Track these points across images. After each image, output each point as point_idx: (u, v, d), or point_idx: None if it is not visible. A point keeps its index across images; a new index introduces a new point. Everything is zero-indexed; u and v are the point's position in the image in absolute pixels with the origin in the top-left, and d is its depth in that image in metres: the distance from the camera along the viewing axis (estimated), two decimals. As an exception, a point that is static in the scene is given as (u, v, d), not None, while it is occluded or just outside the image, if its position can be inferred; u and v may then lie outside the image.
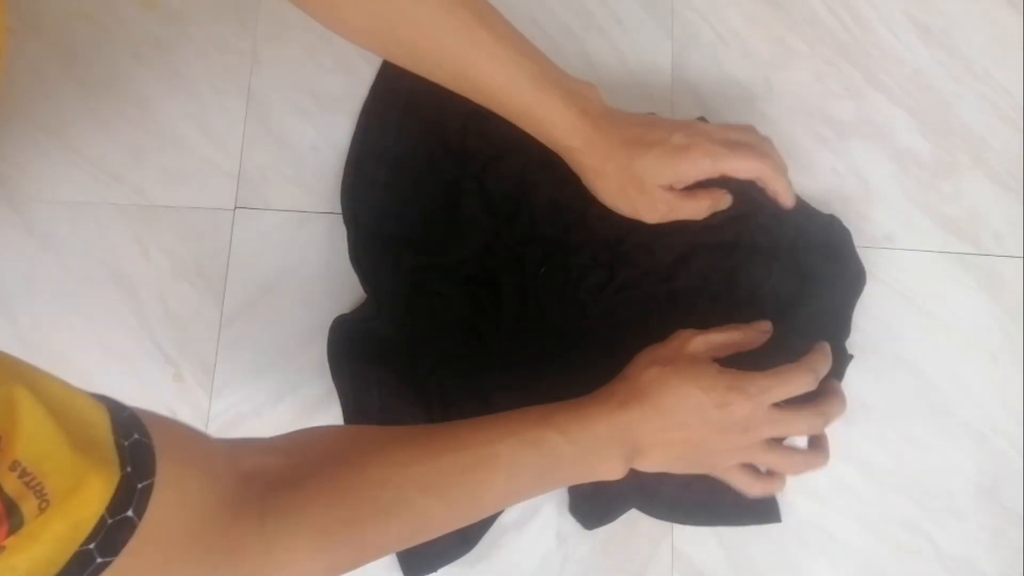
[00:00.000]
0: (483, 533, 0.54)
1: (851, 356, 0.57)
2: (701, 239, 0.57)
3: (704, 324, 0.56)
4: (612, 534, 0.55)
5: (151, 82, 0.61)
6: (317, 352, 0.57)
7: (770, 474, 0.50)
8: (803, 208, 0.59)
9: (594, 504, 0.55)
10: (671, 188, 0.52)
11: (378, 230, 0.58)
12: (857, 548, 0.56)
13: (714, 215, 0.57)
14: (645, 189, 0.51)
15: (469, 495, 0.43)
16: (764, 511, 0.55)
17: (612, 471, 0.47)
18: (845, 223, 0.58)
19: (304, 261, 0.59)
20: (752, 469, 0.50)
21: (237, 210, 0.60)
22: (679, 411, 0.46)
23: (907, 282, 0.60)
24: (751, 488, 0.49)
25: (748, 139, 0.52)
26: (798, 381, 0.47)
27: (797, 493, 0.56)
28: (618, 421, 0.46)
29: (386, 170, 0.59)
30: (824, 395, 0.49)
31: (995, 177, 0.62)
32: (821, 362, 0.49)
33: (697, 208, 0.53)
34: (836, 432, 0.57)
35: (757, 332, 0.51)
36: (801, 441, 0.52)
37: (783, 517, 0.56)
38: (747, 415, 0.46)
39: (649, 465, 0.48)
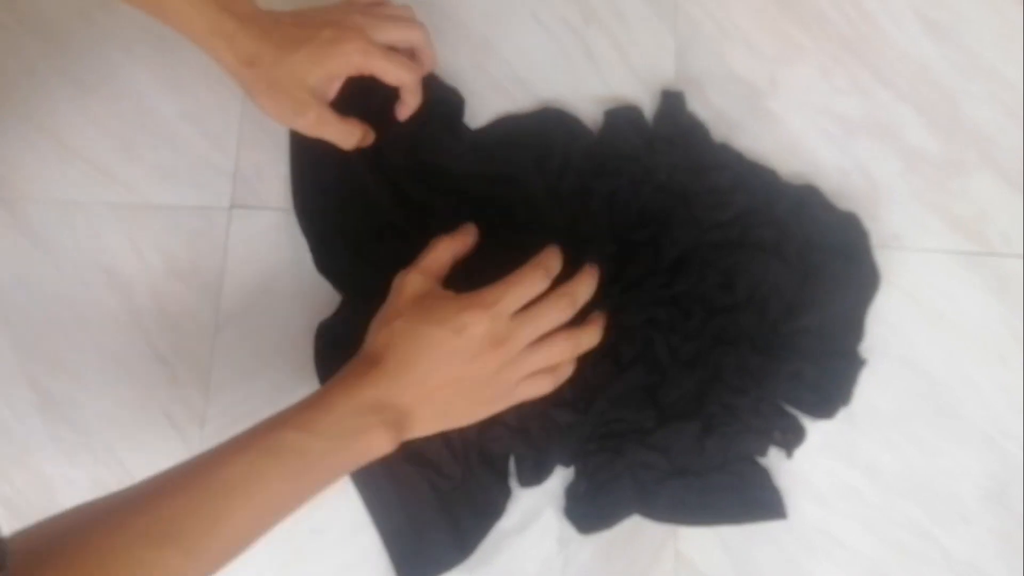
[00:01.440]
0: (480, 540, 0.54)
1: (864, 361, 0.56)
2: (707, 237, 0.56)
3: (703, 326, 0.55)
4: (614, 539, 0.54)
5: (145, 79, 0.61)
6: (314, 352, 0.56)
7: (551, 369, 0.49)
8: (821, 202, 0.58)
9: (591, 508, 0.54)
10: (324, 96, 0.50)
11: (338, 229, 0.57)
12: (863, 553, 0.55)
13: (723, 212, 0.56)
14: (294, 91, 0.49)
15: (210, 533, 0.39)
16: (769, 508, 0.54)
17: (379, 445, 0.44)
18: (852, 222, 0.58)
19: (300, 260, 0.58)
20: (532, 375, 0.48)
21: (233, 209, 0.59)
22: (423, 356, 0.44)
23: (914, 282, 0.59)
24: (543, 387, 0.48)
25: (401, 27, 0.52)
26: (529, 279, 0.47)
27: (802, 497, 0.55)
28: (363, 395, 0.43)
29: (331, 170, 0.58)
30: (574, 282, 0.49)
31: (1004, 175, 0.61)
32: (551, 258, 0.49)
33: (345, 132, 0.52)
34: (842, 435, 0.56)
35: (462, 236, 0.50)
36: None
37: (789, 520, 0.55)
38: (490, 329, 0.45)
39: (424, 427, 0.46)
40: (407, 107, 0.54)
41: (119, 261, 0.58)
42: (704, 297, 0.56)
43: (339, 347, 0.54)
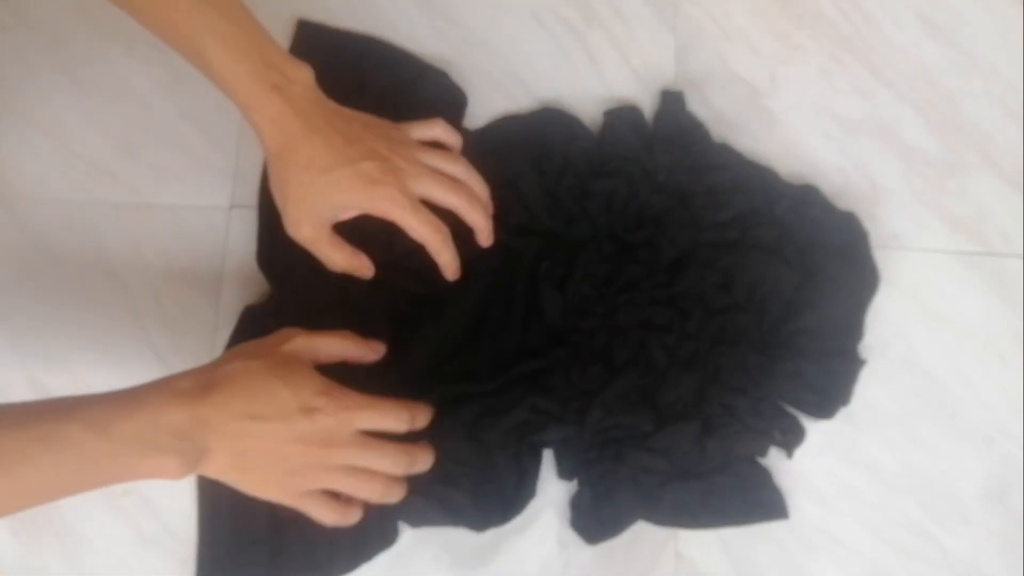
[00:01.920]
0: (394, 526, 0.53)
1: (864, 361, 0.56)
2: (706, 237, 0.57)
3: (702, 326, 0.55)
4: (614, 539, 0.54)
5: (146, 79, 0.61)
6: (314, 353, 0.56)
7: (346, 500, 0.46)
8: (821, 202, 0.58)
9: (597, 517, 0.54)
10: (333, 217, 0.48)
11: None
12: (863, 552, 0.55)
13: (722, 212, 0.57)
14: (307, 199, 0.47)
15: None
16: (771, 508, 0.54)
17: (164, 470, 0.41)
18: (852, 222, 0.58)
19: (301, 260, 0.58)
20: (331, 497, 0.46)
21: (232, 209, 0.59)
22: (258, 407, 0.42)
23: (914, 281, 0.59)
24: (328, 516, 0.45)
25: (442, 188, 0.49)
26: (393, 413, 0.45)
27: (802, 497, 0.56)
28: (174, 412, 0.40)
29: None
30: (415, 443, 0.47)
31: (1003, 175, 0.61)
32: (422, 415, 0.48)
33: (334, 258, 0.49)
34: (842, 435, 0.56)
35: (368, 348, 0.48)
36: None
37: (789, 520, 0.55)
38: (332, 428, 0.43)
39: (216, 469, 0.43)
40: (442, 266, 0.51)
41: (119, 260, 0.58)
42: (703, 297, 0.56)
43: (256, 334, 0.51)
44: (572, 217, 0.57)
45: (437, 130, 0.52)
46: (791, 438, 0.55)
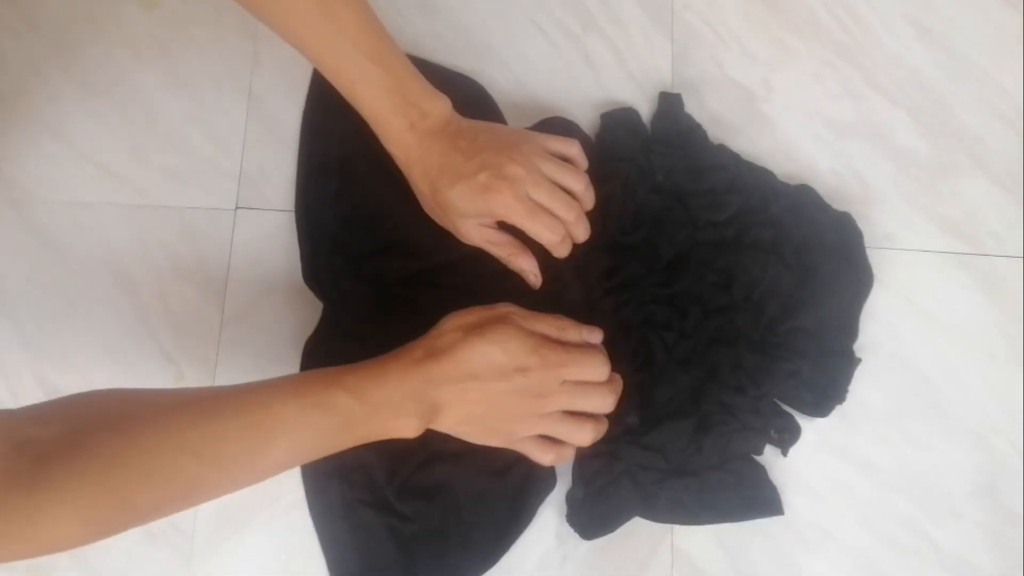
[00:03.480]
0: (506, 550, 0.54)
1: (859, 360, 0.57)
2: (703, 236, 0.57)
3: (699, 325, 0.56)
4: (611, 534, 0.55)
5: (152, 82, 0.62)
6: (318, 352, 0.57)
7: (560, 443, 0.51)
8: (816, 202, 0.59)
9: (593, 514, 0.54)
10: (487, 222, 0.53)
11: (340, 242, 0.58)
12: (856, 547, 0.56)
13: (719, 212, 0.57)
14: (452, 218, 0.53)
15: (247, 460, 0.44)
16: (767, 505, 0.55)
17: (407, 429, 0.47)
18: (846, 224, 0.59)
19: (305, 261, 0.59)
20: (546, 439, 0.51)
21: (238, 210, 0.60)
22: (478, 369, 0.47)
23: (906, 282, 0.60)
24: (545, 456, 0.50)
25: (555, 196, 0.52)
26: (595, 364, 0.50)
27: (796, 492, 0.56)
28: (413, 378, 0.46)
29: (336, 178, 0.59)
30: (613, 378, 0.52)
31: (994, 178, 0.62)
32: (617, 378, 0.52)
33: (505, 260, 0.54)
34: (835, 431, 0.57)
35: (578, 331, 0.52)
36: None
37: (782, 516, 0.56)
38: (543, 381, 0.48)
39: (446, 424, 0.49)
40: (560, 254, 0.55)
41: (126, 261, 0.59)
42: (701, 297, 0.56)
43: (322, 358, 0.55)
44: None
45: (573, 151, 0.55)
46: (787, 436, 0.55)
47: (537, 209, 0.52)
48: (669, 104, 0.61)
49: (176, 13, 0.63)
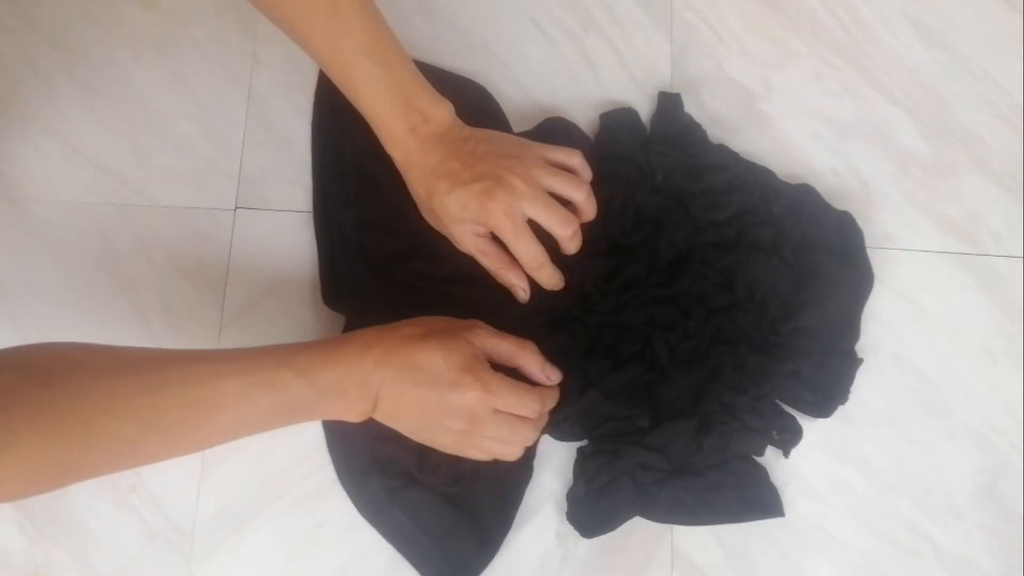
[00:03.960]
0: (503, 534, 0.54)
1: (861, 360, 0.57)
2: (703, 236, 0.57)
3: (702, 325, 0.56)
4: (612, 534, 0.55)
5: (151, 82, 0.62)
6: (317, 352, 0.57)
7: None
8: (817, 201, 0.59)
9: (593, 512, 0.54)
10: (481, 231, 0.52)
11: (361, 247, 0.58)
12: (856, 547, 0.56)
13: (719, 212, 0.57)
14: (447, 223, 0.53)
15: (191, 431, 0.44)
16: (767, 506, 0.55)
17: (350, 413, 0.48)
18: (847, 223, 0.59)
19: (304, 261, 0.59)
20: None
21: (238, 210, 0.60)
22: (418, 374, 0.47)
23: (906, 282, 0.60)
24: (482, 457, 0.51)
25: (551, 212, 0.52)
26: (528, 401, 0.49)
27: (797, 492, 0.56)
28: (360, 364, 0.47)
29: (352, 184, 0.59)
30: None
31: (994, 177, 0.62)
32: (551, 398, 0.52)
33: (493, 272, 0.54)
34: (835, 432, 0.57)
35: (544, 369, 0.52)
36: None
37: (782, 517, 0.56)
38: (474, 404, 0.48)
39: (382, 417, 0.49)
40: (542, 283, 0.55)
41: (126, 262, 0.59)
42: (703, 297, 0.56)
43: None
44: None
45: (575, 161, 0.55)
46: (788, 438, 0.55)
47: (524, 230, 0.52)
48: (668, 104, 0.61)
49: (176, 13, 0.63)
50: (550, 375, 0.52)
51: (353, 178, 0.59)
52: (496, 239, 0.53)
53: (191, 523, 0.55)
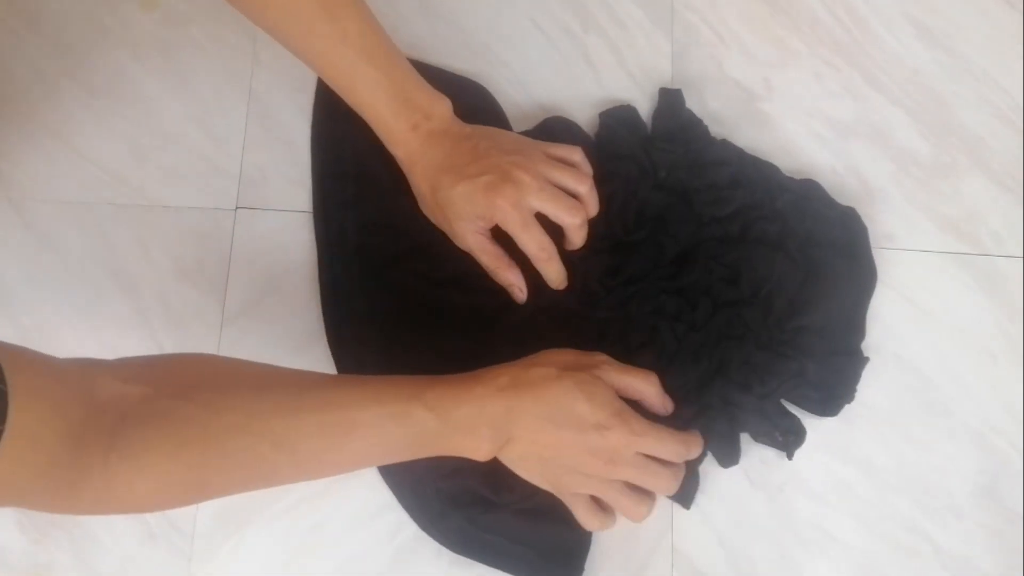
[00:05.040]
0: (585, 555, 0.54)
1: (867, 359, 0.57)
2: (708, 232, 0.57)
3: (710, 320, 0.56)
4: (611, 534, 0.55)
5: (152, 82, 0.62)
6: (319, 352, 0.57)
7: (609, 511, 0.50)
8: (821, 196, 0.59)
9: None
10: (483, 228, 0.52)
11: (361, 249, 0.58)
12: (856, 547, 0.56)
13: (723, 207, 0.57)
14: (450, 219, 0.53)
15: (321, 456, 0.45)
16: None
17: (478, 452, 0.47)
18: (848, 222, 0.59)
19: (305, 261, 0.59)
20: (597, 503, 0.50)
21: (238, 210, 0.60)
22: (559, 414, 0.47)
23: (907, 282, 0.60)
24: (592, 521, 0.50)
25: (558, 205, 0.52)
26: (673, 445, 0.49)
27: (796, 492, 0.56)
28: (495, 406, 0.46)
29: (352, 186, 0.59)
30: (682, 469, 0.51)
31: (994, 177, 0.62)
32: (695, 445, 0.51)
33: (491, 271, 0.54)
34: (835, 432, 0.57)
35: (664, 400, 0.51)
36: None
37: (783, 515, 0.56)
38: (618, 447, 0.47)
39: (511, 456, 0.49)
40: (547, 279, 0.54)
41: (126, 261, 0.59)
42: (709, 290, 0.56)
43: (362, 350, 0.56)
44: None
45: (576, 156, 0.55)
46: (792, 439, 0.55)
47: (532, 222, 0.52)
48: (670, 100, 0.61)
49: (176, 13, 0.63)
50: (667, 406, 0.52)
51: (353, 179, 0.59)
52: (496, 237, 0.53)
53: (191, 523, 0.55)
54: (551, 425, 0.47)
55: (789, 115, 0.62)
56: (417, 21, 0.63)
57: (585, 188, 0.53)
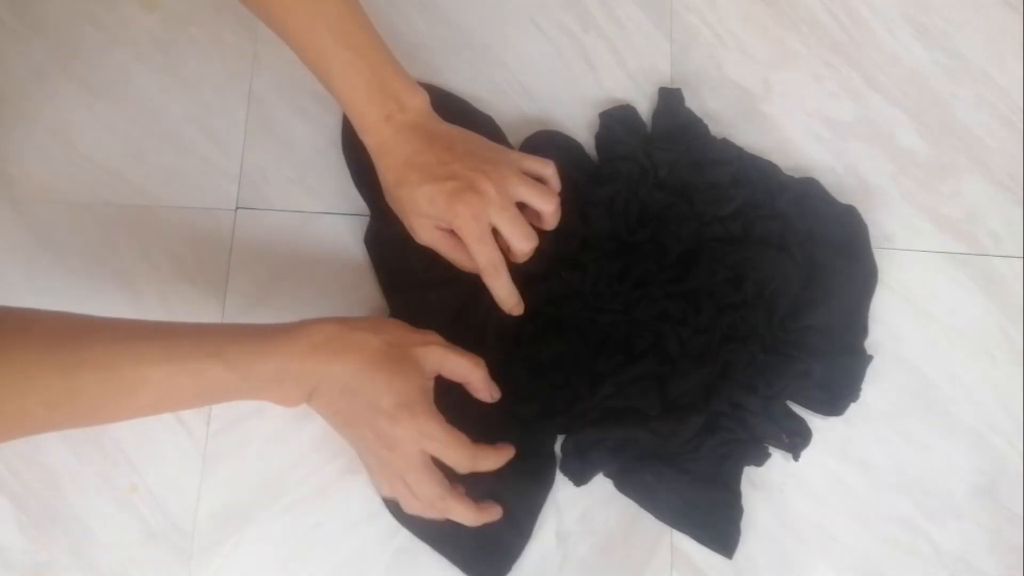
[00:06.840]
0: (535, 516, 0.54)
1: (871, 357, 0.57)
2: (710, 232, 0.57)
3: (714, 322, 0.56)
4: (611, 533, 0.55)
5: (152, 83, 0.62)
6: (317, 351, 0.57)
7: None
8: (822, 195, 0.59)
9: (583, 461, 0.54)
10: (441, 226, 0.52)
11: (407, 272, 0.58)
12: (855, 547, 0.56)
13: (723, 206, 0.57)
14: (409, 214, 0.52)
15: (102, 413, 0.44)
16: (723, 543, 0.55)
17: (285, 402, 0.47)
18: (847, 222, 0.59)
19: (305, 262, 0.59)
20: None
21: (238, 210, 0.60)
22: (358, 388, 0.46)
23: (906, 282, 0.60)
24: (380, 487, 0.51)
25: (515, 226, 0.51)
26: (460, 453, 0.48)
27: (796, 492, 0.56)
28: (300, 366, 0.46)
29: (398, 224, 0.58)
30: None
31: (993, 178, 0.62)
32: (485, 459, 0.50)
33: (454, 260, 0.54)
34: (835, 431, 0.57)
35: (489, 387, 0.51)
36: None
37: (782, 515, 0.56)
38: (401, 441, 0.47)
39: (315, 407, 0.49)
40: (496, 298, 0.54)
41: (127, 262, 0.59)
42: (714, 293, 0.56)
43: (401, 255, 0.57)
44: (573, 232, 0.57)
45: (548, 171, 0.54)
46: (798, 440, 0.55)
47: (488, 236, 0.51)
48: (669, 99, 0.61)
49: (176, 13, 0.63)
50: (493, 393, 0.52)
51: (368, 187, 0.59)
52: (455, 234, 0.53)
53: (191, 523, 0.55)
54: (348, 395, 0.47)
55: (788, 115, 0.62)
56: (417, 21, 0.63)
57: (550, 208, 0.53)
